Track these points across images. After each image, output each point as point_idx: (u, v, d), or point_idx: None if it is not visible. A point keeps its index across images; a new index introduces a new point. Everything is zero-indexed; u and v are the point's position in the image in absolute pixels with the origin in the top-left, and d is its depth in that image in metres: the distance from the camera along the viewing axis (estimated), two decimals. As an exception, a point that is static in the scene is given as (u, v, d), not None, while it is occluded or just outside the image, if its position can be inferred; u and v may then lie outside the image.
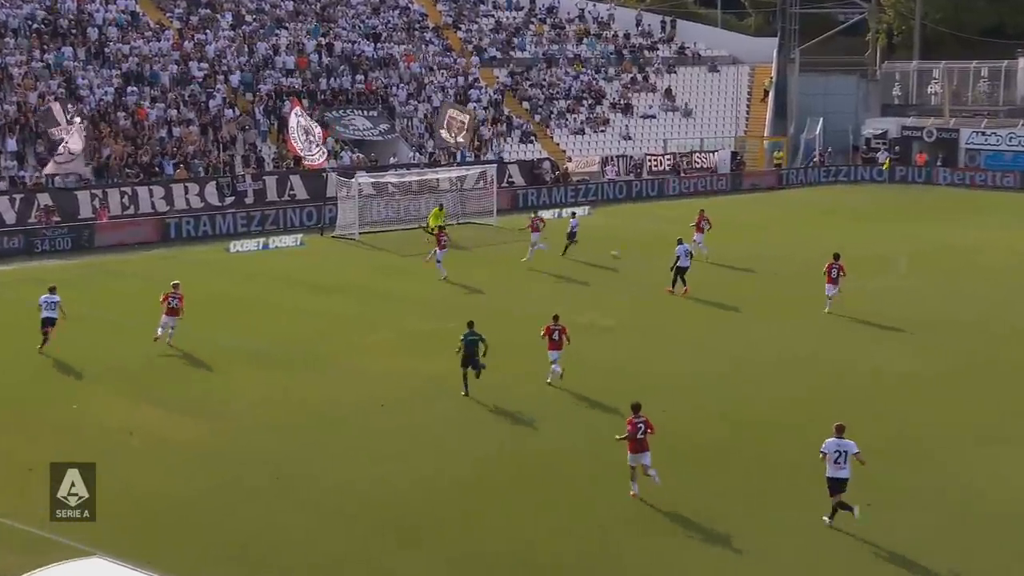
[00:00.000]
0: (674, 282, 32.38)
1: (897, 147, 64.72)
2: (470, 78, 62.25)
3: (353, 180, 43.83)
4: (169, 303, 26.31)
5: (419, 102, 58.42)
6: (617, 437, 18.33)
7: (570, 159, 58.83)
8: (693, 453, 19.68)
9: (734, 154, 63.14)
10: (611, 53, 70.10)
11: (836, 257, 30.31)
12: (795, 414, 21.71)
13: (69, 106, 44.64)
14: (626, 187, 56.30)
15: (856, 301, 31.58)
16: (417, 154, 54.25)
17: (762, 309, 30.86)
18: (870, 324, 29.00)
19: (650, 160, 60.71)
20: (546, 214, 48.32)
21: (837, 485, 16.93)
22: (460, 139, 52.19)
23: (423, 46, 63.78)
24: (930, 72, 70.33)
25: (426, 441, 20.38)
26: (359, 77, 57.77)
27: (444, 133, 51.74)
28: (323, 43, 59.00)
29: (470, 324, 23.02)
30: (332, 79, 56.70)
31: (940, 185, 61.02)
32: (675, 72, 69.85)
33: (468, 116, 52.47)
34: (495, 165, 50.02)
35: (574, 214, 41.21)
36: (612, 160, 59.33)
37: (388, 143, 54.45)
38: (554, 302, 30.06)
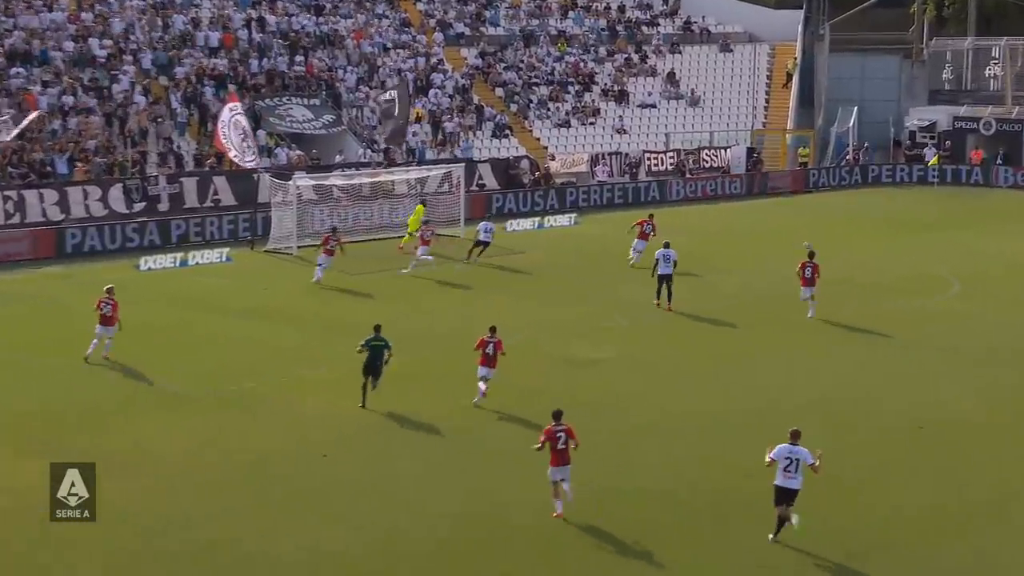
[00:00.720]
0: (659, 292, 33.93)
1: (948, 142, 65.46)
2: (432, 60, 62.66)
3: (290, 183, 43.97)
4: (102, 310, 26.72)
5: (371, 88, 58.72)
6: (534, 447, 19.64)
7: (553, 157, 59.25)
8: (701, 508, 19.89)
9: (750, 151, 63.75)
10: (602, 29, 70.74)
11: (811, 256, 33.09)
12: (833, 466, 21.98)
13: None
14: (620, 191, 56.72)
15: (900, 326, 31.95)
16: (368, 151, 54.50)
17: (786, 337, 31.20)
18: (916, 356, 29.36)
19: (649, 158, 61.20)
20: (526, 224, 48.78)
21: (785, 495, 18.13)
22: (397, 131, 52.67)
23: (375, 21, 64.16)
24: (989, 51, 71.21)
25: (379, 497, 20.52)
26: (298, 58, 58.04)
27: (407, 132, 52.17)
28: (253, 16, 59.28)
29: (376, 328, 25.10)
30: (265, 60, 56.94)
31: (1000, 188, 61.79)
32: (679, 52, 70.54)
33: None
34: (463, 165, 50.32)
35: (488, 216, 43.75)
36: (603, 158, 59.78)
37: (333, 138, 54.66)
38: (542, 328, 30.30)
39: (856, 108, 66.73)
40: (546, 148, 61.01)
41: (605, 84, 66.58)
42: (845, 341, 30.93)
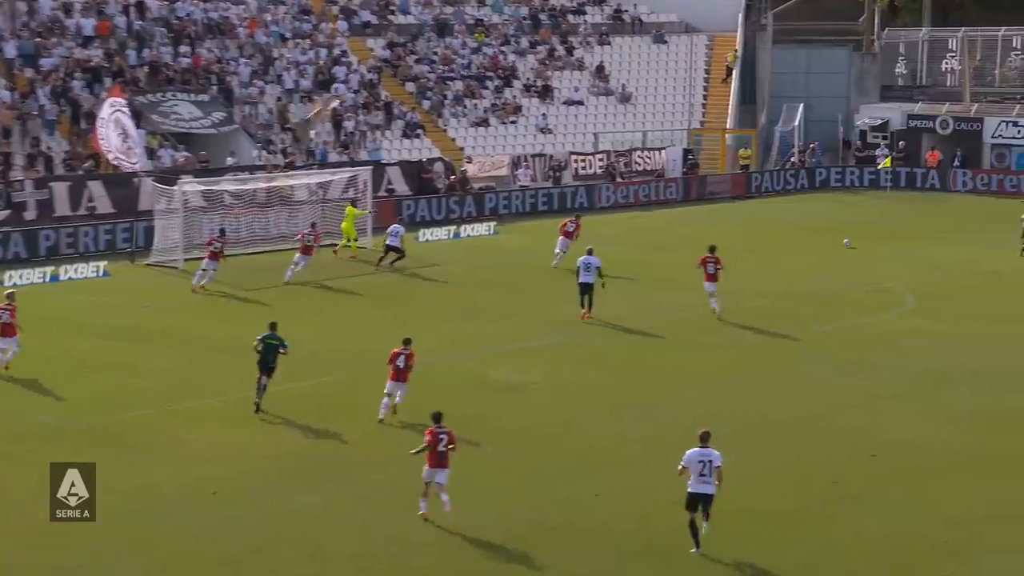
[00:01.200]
0: (582, 302, 34.76)
1: (902, 142, 66.56)
2: (335, 51, 62.58)
3: (176, 188, 43.69)
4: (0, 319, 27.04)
5: (267, 83, 58.50)
6: (412, 452, 21.08)
7: (469, 159, 59.42)
8: (634, 545, 20.08)
9: (687, 152, 64.42)
10: (524, 18, 71.13)
11: (712, 250, 35.24)
12: (774, 496, 22.29)
13: None
14: (544, 196, 57.04)
15: (850, 344, 32.49)
16: (264, 152, 54.27)
17: (727, 357, 31.58)
18: (867, 377, 29.87)
19: (576, 161, 61.60)
20: (440, 233, 48.92)
21: (700, 500, 19.38)
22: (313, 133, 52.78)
23: (271, 8, 63.95)
24: (945, 43, 72.66)
25: (271, 538, 20.43)
26: (183, 48, 57.66)
27: (312, 133, 52.13)
28: (132, 1, 58.80)
29: (272, 325, 26.97)
30: (146, 50, 56.49)
31: (958, 192, 62.97)
32: (609, 44, 71.14)
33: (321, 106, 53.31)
34: (370, 168, 50.31)
35: (399, 219, 44.96)
36: (526, 161, 60.05)
37: (224, 137, 54.36)
38: (460, 348, 30.45)
39: (802, 105, 67.65)
40: (462, 149, 61.15)
41: (527, 79, 66.91)
42: (790, 361, 31.35)
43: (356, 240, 44.72)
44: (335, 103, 56.32)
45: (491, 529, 20.68)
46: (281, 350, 26.49)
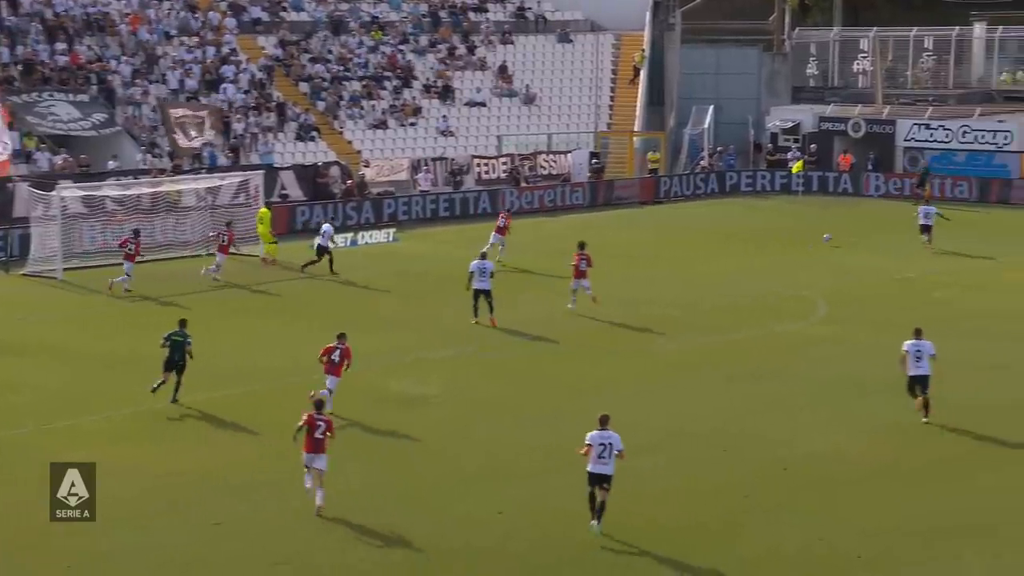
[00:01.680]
0: (476, 309, 35.43)
1: (813, 145, 67.46)
2: (224, 49, 62.17)
3: (54, 193, 43.17)
4: None
5: (150, 83, 58.00)
6: (295, 433, 22.42)
7: (367, 163, 59.33)
8: (536, 564, 20.20)
9: (594, 155, 64.84)
10: (423, 15, 71.17)
11: (581, 246, 37.14)
12: (682, 511, 22.54)
13: None
14: (446, 202, 57.13)
15: (761, 353, 32.92)
16: (149, 156, 53.79)
17: (635, 367, 31.84)
18: (779, 387, 30.28)
19: (479, 164, 61.75)
20: (337, 240, 48.73)
21: (598, 480, 21.10)
22: (208, 135, 52.21)
23: (155, 3, 63.40)
24: (856, 43, 73.86)
25: (156, 569, 20.25)
26: (60, 46, 56.99)
27: (181, 139, 51.65)
28: (7, -4, 58.11)
29: (181, 322, 28.48)
30: (19, 48, 55.73)
31: (871, 196, 63.95)
32: (512, 43, 71.41)
33: (204, 110, 52.87)
34: (261, 172, 50.05)
35: (331, 219, 46.00)
36: (427, 164, 60.10)
37: (105, 140, 53.84)
38: (358, 360, 30.42)
39: (712, 107, 68.39)
40: (359, 153, 61.06)
41: (427, 79, 66.97)
42: (700, 371, 31.65)
43: (276, 243, 44.84)
44: None
45: (390, 548, 20.68)
46: (187, 346, 27.92)
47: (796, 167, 63.84)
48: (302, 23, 67.42)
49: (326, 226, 43.59)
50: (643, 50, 70.75)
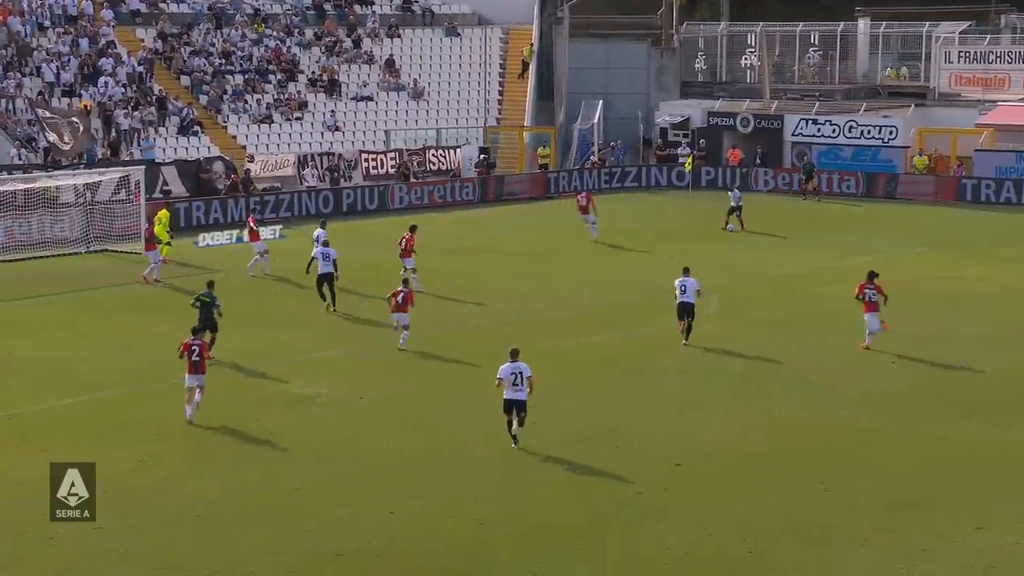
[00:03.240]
0: (322, 295, 36.90)
1: (702, 140, 68.18)
2: (102, 41, 61.29)
3: (-75, 190, 42.35)
4: None
5: (24, 76, 56.96)
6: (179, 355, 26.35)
7: (252, 158, 58.86)
8: (433, 569, 20.17)
9: (483, 151, 64.93)
10: (307, 8, 70.78)
11: (412, 229, 39.85)
12: (573, 510, 22.63)
13: None
14: (333, 198, 56.83)
15: (650, 351, 33.18)
16: (24, 151, 52.83)
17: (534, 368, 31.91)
18: (669, 384, 30.56)
19: (367, 160, 61.56)
20: (221, 238, 48.39)
21: (514, 405, 24.98)
22: (83, 141, 51.52)
23: (30, -7, 62.41)
24: (744, 38, 74.74)
25: (38, 572, 19.96)
26: (-69, 37, 55.81)
27: (55, 139, 50.86)
28: None
29: (209, 284, 31.67)
30: None
31: (760, 191, 64.66)
32: (399, 36, 71.29)
33: (72, 115, 52.25)
34: (142, 168, 49.40)
35: (323, 221, 43.95)
36: (313, 160, 59.76)
37: (-22, 135, 52.87)
38: (243, 359, 30.14)
39: (601, 102, 68.86)
40: (244, 148, 60.56)
41: (313, 73, 66.60)
42: (587, 369, 31.74)
43: (170, 244, 43.80)
44: None
45: (282, 552, 20.53)
46: (216, 307, 30.66)
47: (687, 164, 64.25)
48: (182, 15, 66.70)
49: (320, 231, 41.18)
50: (531, 44, 71.03)
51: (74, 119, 51.74)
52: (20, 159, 51.88)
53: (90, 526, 21.24)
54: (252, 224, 43.73)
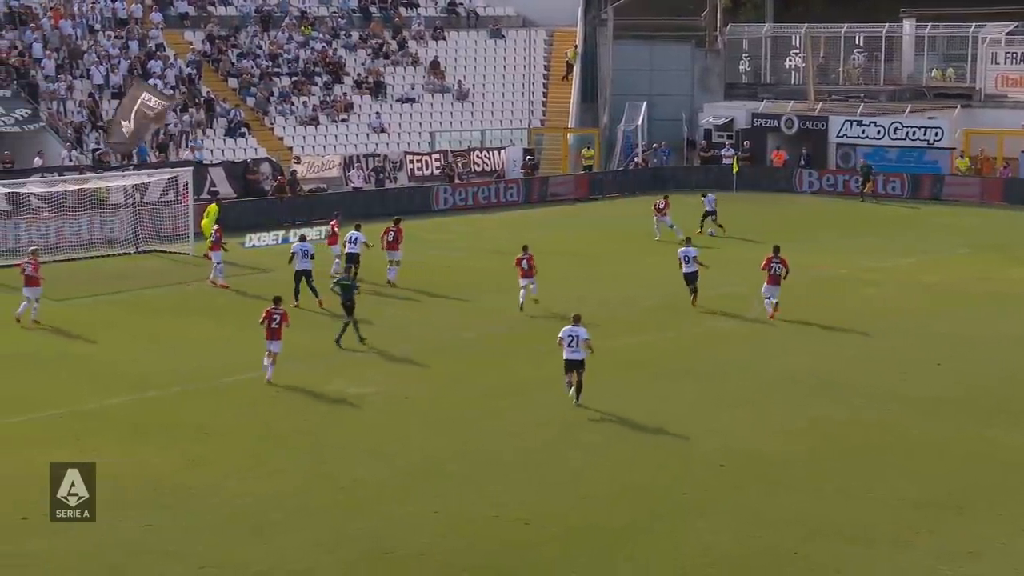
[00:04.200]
0: (296, 293, 37.46)
1: (746, 142, 68.02)
2: (151, 44, 61.72)
3: (-23, 191, 42.81)
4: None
5: (75, 77, 57.45)
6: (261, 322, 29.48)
7: (298, 160, 59.14)
8: (480, 569, 20.28)
9: (527, 152, 64.98)
10: (353, 10, 71.03)
11: (397, 221, 40.71)
12: (618, 511, 22.69)
13: None
14: (378, 199, 57.00)
15: (694, 350, 33.18)
16: (75, 152, 53.29)
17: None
18: (712, 383, 30.56)
19: (412, 161, 61.71)
20: (268, 239, 48.60)
21: (572, 365, 27.85)
22: (144, 135, 52.02)
23: (79, -4, 62.95)
24: (789, 40, 74.49)
25: (80, 571, 20.18)
26: (-16, 40, 56.37)
27: (126, 126, 51.25)
28: (-74, -11, 57.42)
29: (347, 268, 35.11)
30: (-58, 43, 55.09)
31: (804, 193, 64.55)
32: (444, 38, 71.42)
33: (164, 103, 52.63)
34: (190, 169, 49.74)
35: (357, 225, 42.71)
36: (359, 161, 59.98)
37: (29, 136, 53.29)
38: (292, 360, 30.31)
39: (645, 103, 68.77)
40: (290, 149, 60.84)
41: (358, 75, 66.84)
42: (632, 370, 31.74)
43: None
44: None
45: (328, 551, 20.67)
46: (355, 289, 33.09)
47: (733, 166, 64.06)
48: (230, 18, 67.08)
49: (357, 233, 41.37)
50: (575, 46, 71.06)
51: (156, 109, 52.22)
52: (71, 160, 52.34)
53: (140, 524, 21.59)
54: (335, 228, 43.23)
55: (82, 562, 20.22)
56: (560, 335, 27.89)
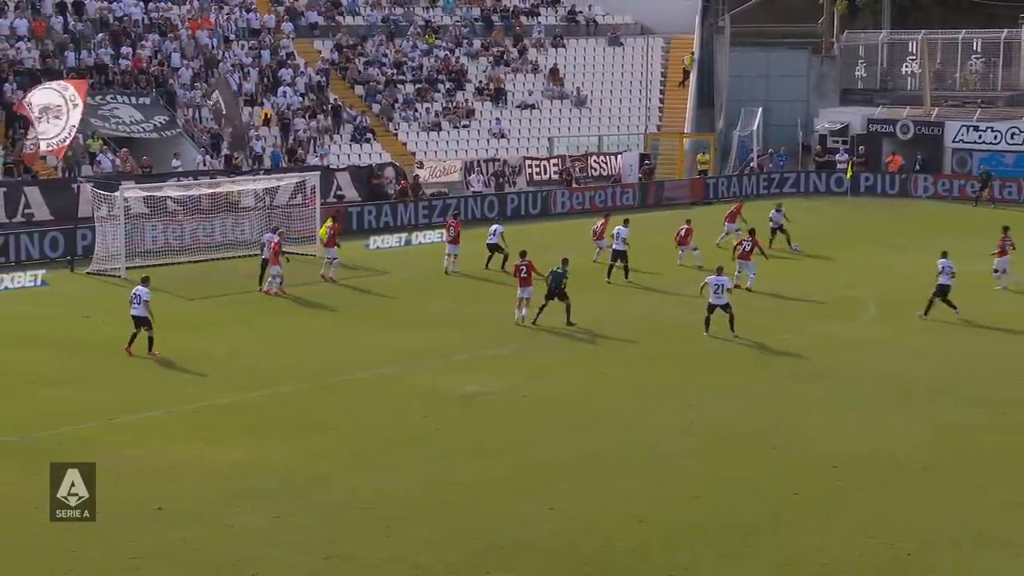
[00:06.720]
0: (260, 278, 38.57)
1: (862, 147, 67.16)
2: (282, 53, 62.52)
3: (117, 194, 43.50)
4: None
5: (210, 86, 58.36)
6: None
7: (421, 164, 59.51)
8: (599, 567, 20.22)
9: (644, 157, 64.77)
10: (475, 19, 71.34)
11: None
12: (731, 510, 22.49)
13: None
14: (498, 202, 57.16)
15: (810, 353, 32.84)
16: (209, 157, 54.15)
17: (684, 367, 31.82)
18: (827, 386, 30.17)
19: (531, 165, 61.79)
20: (391, 240, 48.99)
21: (714, 307, 33.12)
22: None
23: (215, 7, 63.83)
24: (905, 46, 73.41)
25: (219, 561, 20.39)
26: (124, 50, 57.44)
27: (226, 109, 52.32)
28: (68, 0, 58.54)
29: (564, 261, 34.98)
30: (84, 52, 56.22)
31: (919, 198, 63.57)
32: (563, 46, 71.47)
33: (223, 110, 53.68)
34: (318, 173, 50.26)
35: (497, 217, 45.14)
36: (479, 166, 60.19)
37: (167, 142, 54.25)
38: (411, 358, 30.47)
39: (761, 109, 68.21)
40: (413, 154, 61.26)
41: (480, 82, 67.10)
42: (747, 370, 31.53)
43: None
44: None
45: (446, 545, 20.73)
46: (564, 279, 34.62)
47: (847, 171, 63.30)
48: (357, 27, 67.76)
49: (497, 225, 43.90)
50: (692, 53, 70.78)
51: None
52: (205, 165, 53.19)
53: (269, 516, 21.82)
54: (457, 228, 43.74)
55: (211, 553, 20.46)
56: (707, 280, 33.45)
